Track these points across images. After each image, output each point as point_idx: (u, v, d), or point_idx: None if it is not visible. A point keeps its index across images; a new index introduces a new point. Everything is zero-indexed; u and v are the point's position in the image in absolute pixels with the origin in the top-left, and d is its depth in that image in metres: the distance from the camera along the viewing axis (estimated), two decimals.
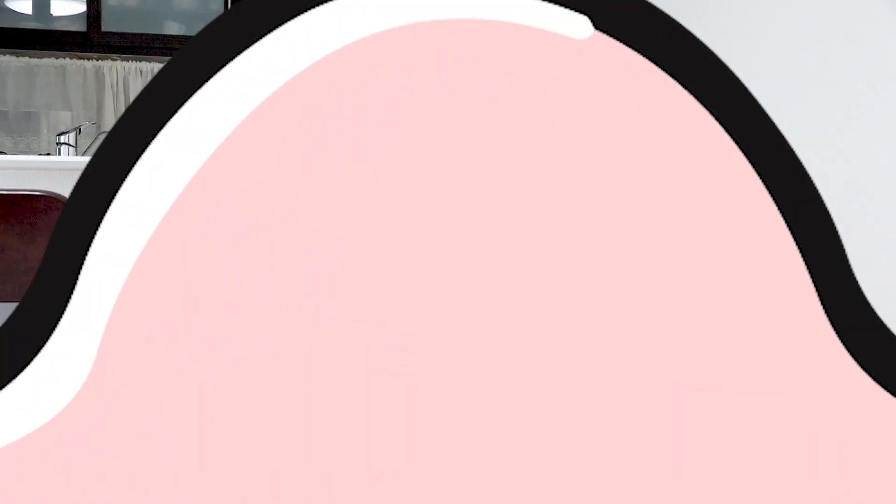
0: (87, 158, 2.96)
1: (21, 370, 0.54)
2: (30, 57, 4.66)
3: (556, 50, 0.59)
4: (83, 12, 4.74)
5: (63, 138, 3.69)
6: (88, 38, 4.73)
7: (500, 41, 0.59)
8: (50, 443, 0.55)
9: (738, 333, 0.61)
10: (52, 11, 4.75)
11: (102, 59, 4.73)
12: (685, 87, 0.62)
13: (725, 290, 0.61)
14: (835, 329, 0.64)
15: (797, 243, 0.63)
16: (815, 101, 2.55)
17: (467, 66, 0.58)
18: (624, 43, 0.60)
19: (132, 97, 4.73)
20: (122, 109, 4.71)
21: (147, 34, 4.80)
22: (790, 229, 0.63)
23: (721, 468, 0.60)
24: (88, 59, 4.71)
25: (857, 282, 0.68)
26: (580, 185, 0.59)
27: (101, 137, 3.78)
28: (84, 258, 0.54)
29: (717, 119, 0.63)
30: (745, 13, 2.75)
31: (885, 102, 2.45)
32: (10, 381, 0.54)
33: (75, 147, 3.70)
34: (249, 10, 0.56)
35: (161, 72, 0.55)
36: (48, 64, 4.67)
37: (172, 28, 4.86)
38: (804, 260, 0.63)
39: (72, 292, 0.55)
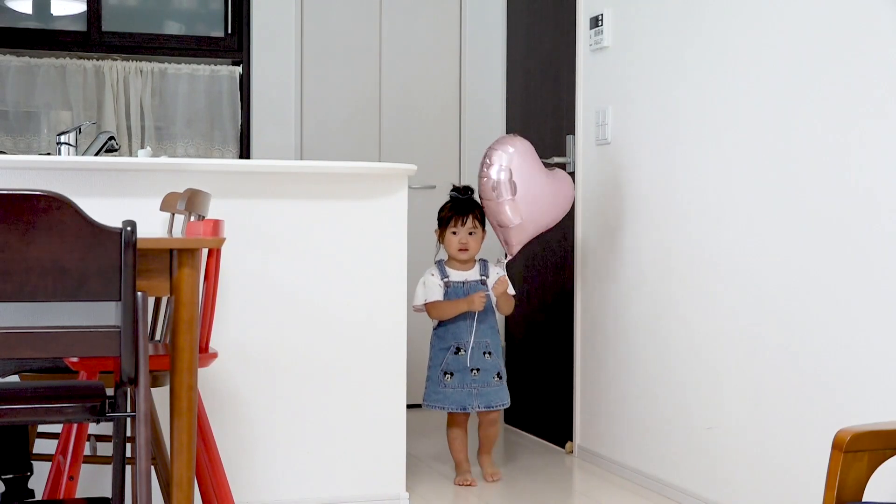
0: (87, 158, 2.95)
1: None
2: (30, 57, 4.66)
3: None
4: (83, 12, 4.73)
5: (63, 138, 3.68)
6: (88, 38, 4.72)
7: None
8: None
9: None
10: (52, 11, 4.74)
11: (102, 59, 4.72)
12: None
13: None
14: None
15: None
16: (820, 102, 2.55)
17: None
18: None
19: (132, 97, 4.72)
20: (122, 109, 4.70)
21: (147, 34, 4.79)
22: None
23: None
24: (88, 59, 4.70)
25: None
26: None
27: (102, 137, 3.77)
28: None
29: None
30: (752, 13, 2.75)
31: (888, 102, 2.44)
32: None
33: (75, 147, 3.69)
34: None
35: None
36: (48, 64, 4.66)
37: (172, 28, 4.85)
38: None
39: None
